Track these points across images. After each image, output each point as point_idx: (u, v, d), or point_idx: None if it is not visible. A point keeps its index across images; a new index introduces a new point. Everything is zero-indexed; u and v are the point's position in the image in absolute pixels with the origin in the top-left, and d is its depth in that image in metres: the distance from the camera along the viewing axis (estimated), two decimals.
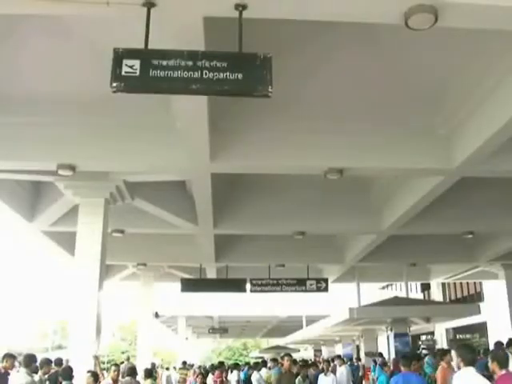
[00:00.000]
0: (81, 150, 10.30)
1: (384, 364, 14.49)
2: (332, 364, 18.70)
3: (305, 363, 17.29)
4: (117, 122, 10.18)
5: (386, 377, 13.17)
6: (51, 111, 9.88)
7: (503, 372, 6.50)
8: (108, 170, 11.73)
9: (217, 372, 18.35)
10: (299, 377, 13.72)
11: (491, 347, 16.78)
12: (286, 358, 13.20)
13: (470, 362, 6.42)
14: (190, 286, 21.28)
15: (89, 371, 9.62)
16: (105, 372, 13.84)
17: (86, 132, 10.23)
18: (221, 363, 20.76)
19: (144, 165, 10.99)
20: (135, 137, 10.29)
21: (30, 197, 14.55)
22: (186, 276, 22.39)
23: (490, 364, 6.72)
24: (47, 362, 10.78)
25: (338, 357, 22.44)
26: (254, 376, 16.67)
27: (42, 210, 14.64)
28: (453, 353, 7.38)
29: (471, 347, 7.43)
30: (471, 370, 6.35)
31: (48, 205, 14.41)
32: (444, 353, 11.91)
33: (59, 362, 11.91)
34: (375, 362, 23.10)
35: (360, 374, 26.03)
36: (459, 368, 6.75)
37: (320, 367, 18.82)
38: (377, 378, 17.68)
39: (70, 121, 10.12)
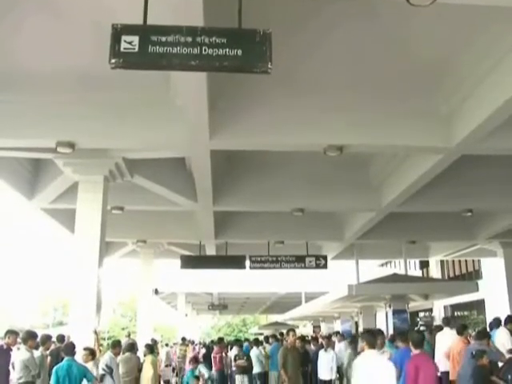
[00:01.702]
0: (80, 127, 10.27)
1: (394, 339, 14.62)
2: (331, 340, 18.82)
3: (303, 339, 17.43)
4: (116, 100, 10.14)
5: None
6: (50, 89, 9.84)
7: (417, 351, 8.02)
8: (107, 147, 11.71)
9: (216, 348, 18.48)
10: None
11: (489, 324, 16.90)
12: (291, 334, 13.31)
13: (372, 345, 7.61)
14: (189, 262, 21.35)
15: (85, 348, 9.69)
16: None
17: (85, 109, 10.20)
18: (220, 339, 20.90)
19: (143, 142, 10.96)
20: (134, 114, 10.27)
21: (30, 175, 14.55)
22: (186, 253, 22.48)
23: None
24: (48, 338, 10.88)
25: (337, 333, 22.59)
26: (254, 352, 16.79)
27: (42, 188, 14.64)
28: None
29: (373, 333, 8.91)
30: (373, 351, 7.63)
31: (47, 182, 14.41)
32: (464, 328, 12.06)
33: (61, 338, 12.01)
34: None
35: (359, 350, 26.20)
36: (363, 350, 8.01)
37: (319, 343, 18.90)
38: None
39: (70, 98, 10.07)
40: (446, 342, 12.94)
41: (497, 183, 14.70)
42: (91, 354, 9.47)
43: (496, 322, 12.90)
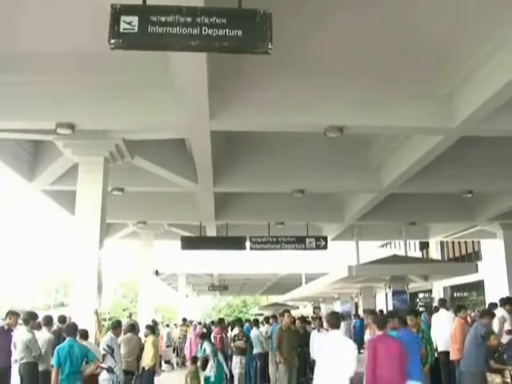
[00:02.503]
0: (80, 108, 10.24)
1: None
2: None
3: (304, 319, 17.52)
4: (116, 80, 10.09)
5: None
6: (50, 70, 9.78)
7: (380, 333, 8.36)
8: (107, 128, 11.68)
9: (217, 328, 18.56)
10: None
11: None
12: (285, 315, 13.37)
13: (335, 326, 8.14)
14: (189, 243, 21.41)
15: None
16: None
17: (85, 90, 10.16)
18: (221, 320, 20.99)
19: (143, 123, 10.94)
20: (134, 95, 10.23)
21: (30, 156, 14.55)
22: (186, 234, 22.53)
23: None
24: (50, 319, 10.95)
25: (337, 314, 22.73)
26: (254, 332, 16.87)
27: (42, 170, 14.64)
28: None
29: (337, 314, 9.29)
30: (337, 332, 8.16)
31: (48, 164, 14.40)
32: (459, 308, 12.15)
33: (63, 319, 12.07)
34: None
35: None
36: (327, 331, 8.72)
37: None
38: None
39: (69, 79, 10.03)
40: (443, 322, 13.07)
41: (497, 165, 14.69)
42: (82, 336, 9.51)
43: (493, 306, 13.01)
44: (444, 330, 12.54)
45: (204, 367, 12.77)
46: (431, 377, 11.11)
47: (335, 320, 8.25)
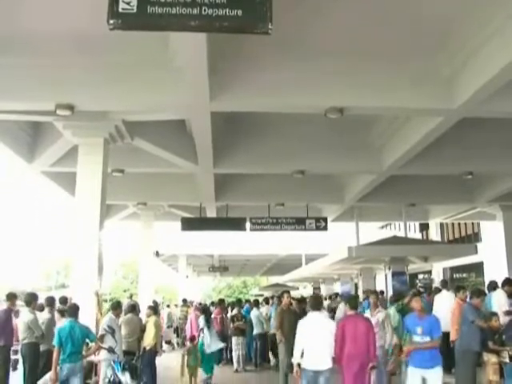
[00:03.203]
0: (79, 89, 10.20)
1: (396, 300, 14.83)
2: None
3: (300, 300, 17.52)
4: (115, 61, 10.03)
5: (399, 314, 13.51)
6: (49, 51, 9.74)
7: (352, 312, 9.17)
8: (107, 109, 11.64)
9: (217, 309, 18.66)
10: None
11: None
12: (285, 295, 13.44)
13: (315, 308, 9.09)
14: (190, 224, 21.45)
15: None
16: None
17: (85, 71, 10.11)
18: (221, 300, 21.10)
19: (143, 104, 10.90)
20: (134, 76, 10.18)
21: (29, 138, 14.52)
22: (186, 215, 22.55)
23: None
24: (52, 300, 11.01)
25: (337, 294, 22.86)
26: (254, 313, 16.97)
27: (42, 151, 14.63)
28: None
29: (318, 297, 10.53)
30: (316, 313, 9.02)
31: (47, 146, 14.38)
32: (458, 289, 12.22)
33: (64, 300, 12.13)
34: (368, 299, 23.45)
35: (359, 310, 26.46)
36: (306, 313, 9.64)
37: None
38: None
39: (69, 60, 9.98)
40: (444, 303, 13.12)
41: (498, 146, 14.67)
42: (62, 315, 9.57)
43: (492, 286, 13.05)
44: (445, 311, 12.61)
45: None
46: None
47: (316, 303, 9.33)
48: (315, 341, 8.57)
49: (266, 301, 18.12)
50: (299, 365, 8.60)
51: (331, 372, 8.53)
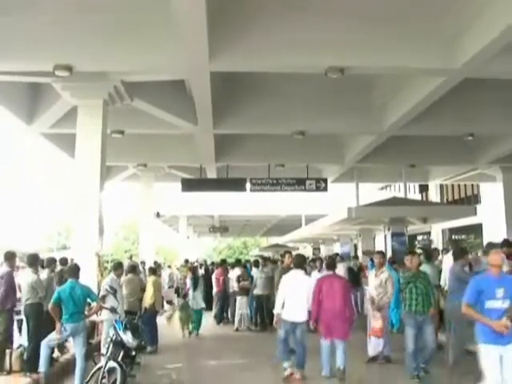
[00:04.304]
0: (77, 50, 10.12)
1: (393, 262, 14.93)
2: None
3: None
4: (114, 21, 9.94)
5: (396, 274, 13.61)
6: (47, 11, 9.63)
7: (329, 273, 10.05)
8: (105, 70, 11.54)
9: (219, 270, 18.80)
10: None
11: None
12: (287, 255, 13.55)
13: (298, 266, 9.92)
14: (190, 185, 21.49)
15: None
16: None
17: (83, 32, 10.01)
18: (223, 261, 21.25)
19: (142, 64, 10.81)
20: (133, 36, 10.08)
21: (28, 99, 14.45)
22: (187, 176, 22.57)
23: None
24: (52, 260, 11.07)
25: (337, 255, 23.00)
26: (254, 273, 17.11)
27: (41, 113, 14.57)
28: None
29: (301, 256, 10.91)
30: (298, 270, 9.80)
31: (46, 107, 14.33)
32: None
33: (64, 261, 12.21)
34: (372, 260, 23.61)
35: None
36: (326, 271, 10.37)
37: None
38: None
39: (67, 20, 9.89)
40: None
41: (499, 107, 14.59)
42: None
43: (490, 246, 13.07)
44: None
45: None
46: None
47: (300, 261, 10.14)
48: (294, 295, 9.41)
49: (264, 261, 17.99)
50: (279, 315, 9.52)
51: (307, 325, 9.52)
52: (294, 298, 9.41)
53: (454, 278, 9.88)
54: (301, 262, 10.14)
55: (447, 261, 13.80)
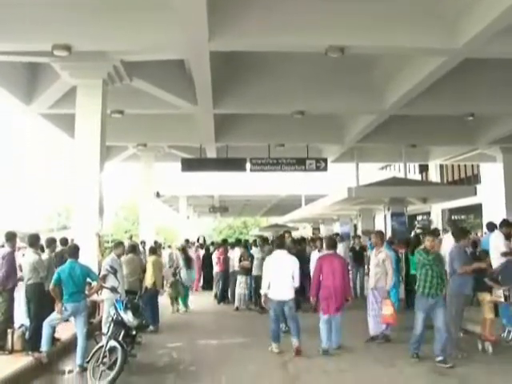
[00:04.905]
0: (76, 29, 10.07)
1: (391, 242, 14.97)
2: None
3: (294, 240, 17.58)
4: (113, 1, 9.87)
5: (394, 254, 13.65)
6: None
7: (330, 252, 10.38)
8: (104, 49, 11.50)
9: (220, 249, 18.83)
10: None
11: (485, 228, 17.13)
12: (286, 235, 13.63)
13: (280, 246, 10.31)
14: (190, 165, 21.47)
15: None
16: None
17: (82, 11, 9.96)
18: (224, 241, 21.30)
19: (141, 44, 10.77)
20: (132, 15, 10.04)
21: (27, 80, 14.41)
22: (187, 156, 22.54)
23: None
24: (53, 240, 11.09)
25: (337, 235, 23.04)
26: (254, 252, 17.14)
27: (40, 93, 14.53)
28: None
29: (282, 237, 11.85)
30: (282, 251, 10.17)
31: (45, 87, 14.28)
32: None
33: (64, 241, 12.24)
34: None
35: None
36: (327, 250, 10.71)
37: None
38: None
39: (65, 0, 9.81)
40: (452, 243, 13.15)
41: (500, 87, 14.54)
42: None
43: (491, 226, 13.10)
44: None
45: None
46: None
47: (280, 242, 10.64)
48: (279, 275, 9.84)
49: (262, 242, 17.94)
50: (266, 295, 9.97)
51: (294, 302, 9.97)
52: (279, 277, 9.85)
53: (457, 260, 9.77)
54: (283, 243, 10.71)
55: (447, 240, 13.83)
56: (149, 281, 12.85)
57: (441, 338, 8.67)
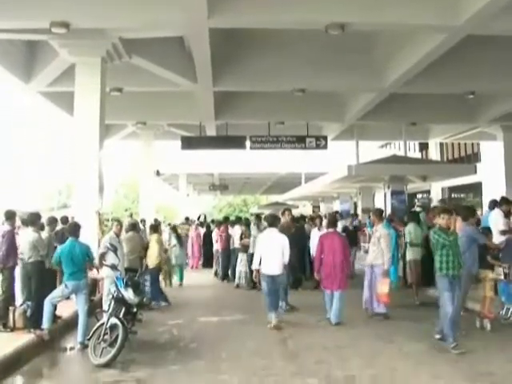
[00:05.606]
0: (74, 6, 10.00)
1: (391, 220, 15.03)
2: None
3: (293, 218, 17.57)
4: None
5: (394, 231, 13.70)
6: None
7: (331, 230, 10.86)
8: (103, 26, 11.42)
9: (222, 227, 18.88)
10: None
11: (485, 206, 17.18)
12: (286, 213, 13.61)
13: (272, 224, 10.77)
14: (190, 143, 21.41)
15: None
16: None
17: None
18: (226, 218, 21.37)
19: (140, 21, 10.69)
20: None
21: (25, 58, 14.32)
22: (186, 134, 22.47)
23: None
24: (53, 219, 11.11)
25: (336, 212, 23.08)
26: (253, 229, 17.18)
27: (39, 71, 14.45)
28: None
29: (274, 216, 11.81)
30: (272, 229, 10.65)
31: (44, 65, 14.20)
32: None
33: (65, 219, 12.26)
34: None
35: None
36: (326, 229, 11.28)
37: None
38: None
39: None
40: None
41: (501, 65, 14.43)
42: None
43: (492, 204, 13.10)
44: None
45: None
46: None
47: (272, 220, 11.02)
48: (270, 251, 10.34)
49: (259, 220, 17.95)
50: (258, 270, 10.54)
51: (284, 276, 10.69)
52: (270, 254, 10.34)
53: (468, 239, 9.70)
54: (274, 221, 11.01)
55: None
56: (154, 260, 12.89)
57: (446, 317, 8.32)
